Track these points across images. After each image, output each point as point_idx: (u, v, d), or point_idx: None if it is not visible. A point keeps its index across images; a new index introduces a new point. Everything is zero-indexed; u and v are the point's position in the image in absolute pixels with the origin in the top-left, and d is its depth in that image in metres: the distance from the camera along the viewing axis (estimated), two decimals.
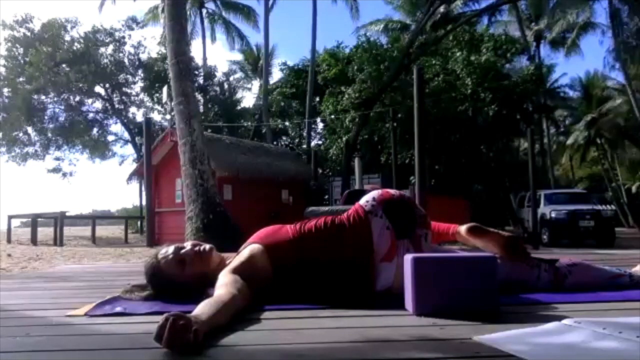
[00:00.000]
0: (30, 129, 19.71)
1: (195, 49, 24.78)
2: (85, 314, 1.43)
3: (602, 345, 0.96)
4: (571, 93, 30.83)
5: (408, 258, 1.38)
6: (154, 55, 21.33)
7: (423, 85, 9.55)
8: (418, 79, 8.93)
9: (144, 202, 13.42)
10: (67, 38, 19.67)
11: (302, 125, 22.75)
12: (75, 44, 19.65)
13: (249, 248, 1.65)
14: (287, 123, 23.73)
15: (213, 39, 27.91)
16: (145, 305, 1.54)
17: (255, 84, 29.08)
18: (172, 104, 8.16)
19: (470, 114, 15.55)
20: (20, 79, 18.92)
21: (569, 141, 29.93)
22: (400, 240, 1.61)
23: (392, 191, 1.76)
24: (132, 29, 20.92)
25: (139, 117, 21.04)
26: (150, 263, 1.70)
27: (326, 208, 5.28)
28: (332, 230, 1.66)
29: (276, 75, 37.20)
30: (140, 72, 20.88)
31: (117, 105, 20.81)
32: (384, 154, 16.22)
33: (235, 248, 1.76)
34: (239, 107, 24.78)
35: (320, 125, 23.49)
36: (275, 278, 1.60)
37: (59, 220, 12.82)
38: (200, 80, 21.57)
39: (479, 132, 15.97)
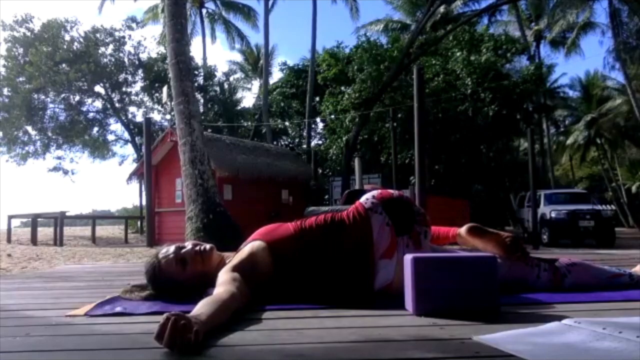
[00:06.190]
0: (30, 129, 19.72)
1: (195, 49, 24.88)
2: (85, 314, 1.43)
3: (602, 345, 0.96)
4: (571, 93, 30.92)
5: (408, 258, 1.38)
6: (154, 55, 21.36)
7: (423, 85, 9.54)
8: (418, 79, 8.92)
9: (144, 202, 13.40)
10: (67, 38, 19.66)
11: (302, 125, 22.77)
12: (75, 43, 19.65)
13: (250, 245, 1.65)
14: (287, 123, 23.75)
15: (213, 38, 28.00)
16: (145, 305, 1.54)
17: (255, 84, 29.14)
18: (172, 104, 8.15)
19: (470, 114, 15.56)
20: (20, 79, 18.91)
21: (569, 141, 29.95)
22: (400, 237, 1.62)
23: (392, 191, 1.78)
24: (132, 29, 20.94)
25: (139, 117, 21.04)
26: (150, 262, 1.70)
27: (326, 208, 5.28)
28: (332, 226, 1.66)
29: (276, 75, 37.32)
30: (140, 72, 20.87)
31: (117, 105, 20.80)
32: (384, 154, 16.23)
33: (235, 248, 1.76)
34: (239, 107, 24.78)
35: (320, 125, 23.54)
36: (276, 274, 1.60)
37: (59, 220, 12.81)
38: (200, 80, 21.56)
39: (479, 132, 15.97)
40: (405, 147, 15.15)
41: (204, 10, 26.37)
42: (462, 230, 1.77)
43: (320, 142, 23.47)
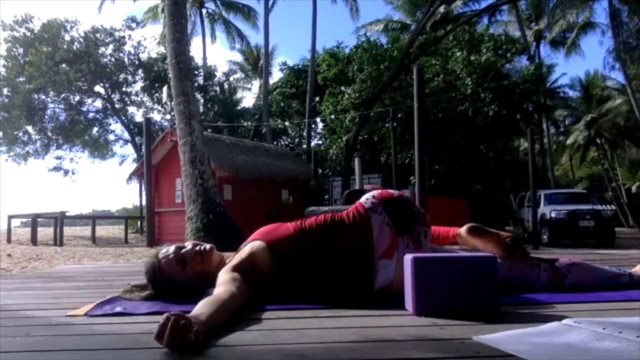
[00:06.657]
0: (30, 128, 19.71)
1: (195, 49, 24.89)
2: (85, 314, 1.43)
3: (602, 345, 0.96)
4: (571, 93, 30.94)
5: (408, 258, 1.38)
6: (154, 55, 21.35)
7: (423, 85, 9.53)
8: (418, 79, 8.92)
9: (144, 202, 13.40)
10: (67, 38, 19.65)
11: (302, 125, 22.77)
12: (75, 43, 19.64)
13: (250, 245, 1.65)
14: (287, 123, 23.74)
15: (213, 38, 28.01)
16: (145, 305, 1.54)
17: (255, 84, 29.15)
18: (172, 104, 8.15)
19: (470, 114, 15.56)
20: (20, 79, 18.91)
21: (569, 141, 29.95)
22: (400, 237, 1.62)
23: (392, 191, 1.78)
24: (132, 29, 20.93)
25: (139, 117, 21.04)
26: (150, 262, 1.70)
27: (326, 208, 5.29)
28: (332, 226, 1.66)
29: (276, 75, 37.33)
30: (140, 72, 20.87)
31: (117, 105, 20.80)
32: (384, 154, 16.23)
33: (235, 248, 1.76)
34: (239, 107, 24.78)
35: (320, 125, 23.54)
36: (276, 274, 1.60)
37: (59, 220, 12.80)
38: (200, 80, 21.56)
39: (479, 132, 15.97)
40: (405, 147, 15.15)
41: (204, 10, 26.38)
42: (462, 230, 1.77)
43: (320, 142, 23.47)
